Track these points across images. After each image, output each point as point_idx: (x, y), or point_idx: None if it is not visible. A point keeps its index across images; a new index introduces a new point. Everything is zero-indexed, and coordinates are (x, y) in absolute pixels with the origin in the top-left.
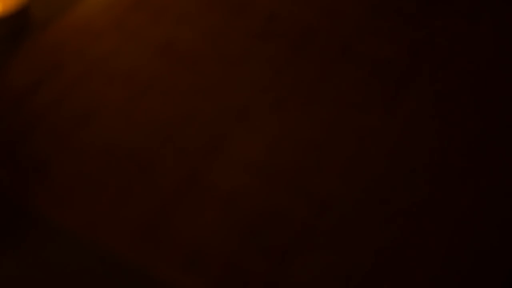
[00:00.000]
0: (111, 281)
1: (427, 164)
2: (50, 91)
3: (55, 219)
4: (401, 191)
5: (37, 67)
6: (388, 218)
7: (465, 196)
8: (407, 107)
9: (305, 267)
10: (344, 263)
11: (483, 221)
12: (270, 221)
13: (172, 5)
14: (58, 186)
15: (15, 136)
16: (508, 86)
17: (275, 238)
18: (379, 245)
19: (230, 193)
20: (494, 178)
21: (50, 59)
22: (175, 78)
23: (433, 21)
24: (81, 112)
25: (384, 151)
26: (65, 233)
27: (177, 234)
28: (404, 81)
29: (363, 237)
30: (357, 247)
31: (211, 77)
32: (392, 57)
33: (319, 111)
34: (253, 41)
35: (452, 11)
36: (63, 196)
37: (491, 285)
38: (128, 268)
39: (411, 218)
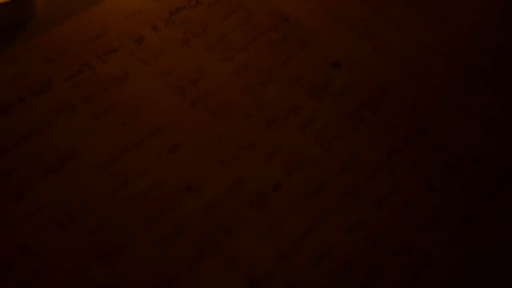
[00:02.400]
0: None
1: None
2: (29, 113)
3: None
4: None
5: (23, 79)
6: None
7: None
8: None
9: None
10: None
11: None
12: None
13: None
14: None
15: None
16: None
17: None
18: None
19: None
20: None
21: (41, 72)
22: (204, 129)
23: None
24: (57, 152)
25: None
26: None
27: None
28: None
29: None
30: None
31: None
32: (486, 152)
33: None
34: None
35: None
36: None
37: None
38: None
39: None
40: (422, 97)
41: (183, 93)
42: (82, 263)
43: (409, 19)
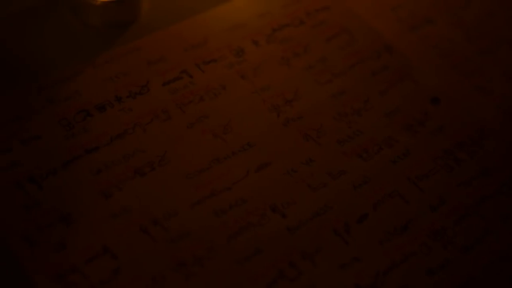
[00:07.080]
0: None
1: None
2: (124, 113)
3: None
4: None
5: (122, 79)
6: None
7: None
8: None
9: None
10: None
11: None
12: None
13: None
14: None
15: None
16: None
17: None
18: None
19: None
20: None
21: (140, 73)
22: (295, 151)
23: None
24: (148, 155)
25: None
26: None
27: None
28: None
29: None
30: None
31: None
32: None
33: None
34: None
35: None
36: None
37: None
38: None
39: None
40: None
41: (278, 111)
42: (160, 270)
43: None
